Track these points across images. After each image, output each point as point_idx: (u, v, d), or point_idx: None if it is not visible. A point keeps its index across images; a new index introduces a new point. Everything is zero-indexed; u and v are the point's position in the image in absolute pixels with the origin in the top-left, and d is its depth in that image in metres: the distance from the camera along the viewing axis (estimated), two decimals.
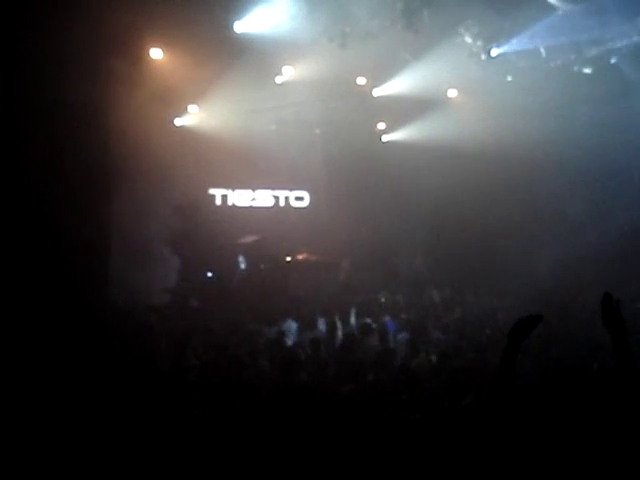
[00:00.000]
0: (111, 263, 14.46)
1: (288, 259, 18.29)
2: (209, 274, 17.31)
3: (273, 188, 20.23)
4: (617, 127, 17.16)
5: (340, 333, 10.54)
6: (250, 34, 15.05)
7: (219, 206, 19.51)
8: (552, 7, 14.55)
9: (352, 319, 11.48)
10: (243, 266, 17.84)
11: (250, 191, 19.94)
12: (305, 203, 20.61)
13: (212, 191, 19.50)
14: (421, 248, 19.68)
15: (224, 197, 19.67)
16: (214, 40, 14.76)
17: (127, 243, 15.14)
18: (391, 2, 14.11)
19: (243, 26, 14.94)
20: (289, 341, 10.65)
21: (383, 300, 16.23)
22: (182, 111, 17.70)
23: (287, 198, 20.43)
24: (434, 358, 7.90)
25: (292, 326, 11.52)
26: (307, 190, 20.61)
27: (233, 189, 19.77)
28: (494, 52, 16.13)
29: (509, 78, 17.43)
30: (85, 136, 12.73)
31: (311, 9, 14.12)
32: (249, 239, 18.01)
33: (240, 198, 19.82)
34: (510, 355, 3.85)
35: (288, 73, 17.20)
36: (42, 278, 11.63)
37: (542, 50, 16.24)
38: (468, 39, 16.03)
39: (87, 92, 12.42)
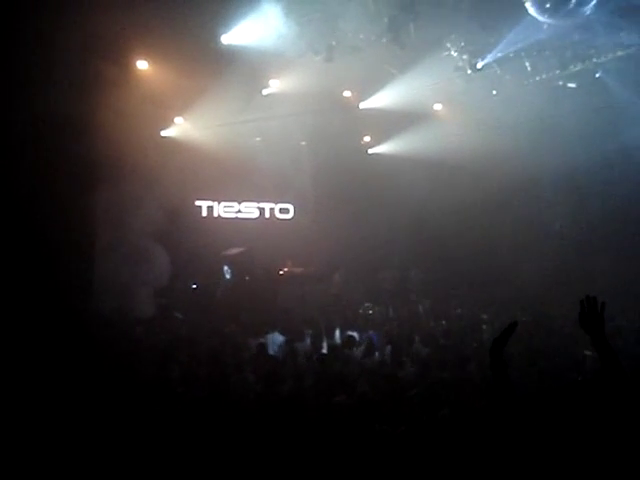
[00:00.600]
0: (96, 269, 14.39)
1: (281, 272, 18.28)
2: (194, 286, 17.23)
3: (258, 200, 20.28)
4: (601, 141, 17.21)
5: (325, 346, 10.52)
6: (237, 46, 15.09)
7: (205, 217, 19.58)
8: (537, 21, 14.64)
9: (337, 332, 11.45)
10: (228, 276, 17.81)
11: (236, 203, 20.00)
12: (290, 215, 20.68)
13: (198, 203, 19.57)
14: (407, 260, 19.69)
15: (210, 208, 19.74)
16: (200, 52, 14.77)
17: (112, 250, 15.08)
18: (377, 16, 14.16)
19: (230, 38, 14.97)
20: (275, 353, 10.60)
21: (371, 312, 16.30)
22: (168, 122, 17.73)
23: (272, 210, 20.50)
24: (417, 370, 7.89)
25: (279, 338, 11.49)
26: (292, 202, 20.66)
27: (219, 201, 19.82)
28: (479, 65, 16.24)
29: (494, 92, 17.52)
30: (71, 143, 12.71)
31: (298, 22, 14.16)
32: (234, 251, 18.00)
33: (226, 210, 19.89)
34: (498, 369, 3.84)
35: (274, 85, 17.25)
36: (26, 283, 11.55)
37: (527, 64, 16.34)
38: (454, 53, 16.11)
39: (74, 100, 12.39)
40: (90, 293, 13.37)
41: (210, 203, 19.77)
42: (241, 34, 14.80)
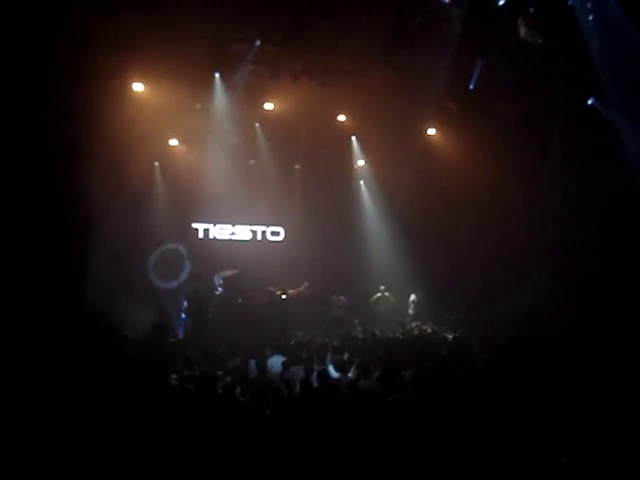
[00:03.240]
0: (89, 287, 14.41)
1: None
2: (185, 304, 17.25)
3: (251, 223, 20.38)
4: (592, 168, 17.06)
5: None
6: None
7: (201, 239, 19.71)
8: (529, 46, 14.73)
9: (328, 356, 11.38)
10: (220, 290, 17.90)
11: (230, 225, 20.12)
12: (280, 237, 20.80)
13: (195, 225, 19.69)
14: (404, 284, 19.58)
15: (206, 231, 19.87)
16: (195, 77, 14.93)
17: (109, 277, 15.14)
18: (371, 41, 14.27)
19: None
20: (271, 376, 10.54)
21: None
22: (164, 144, 17.86)
23: (264, 233, 20.62)
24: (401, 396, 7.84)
25: (276, 361, 11.39)
26: (283, 225, 20.75)
27: (214, 223, 19.93)
28: (471, 86, 16.39)
29: (487, 116, 17.55)
30: (69, 168, 12.82)
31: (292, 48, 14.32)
32: (228, 272, 18.07)
33: (220, 232, 20.03)
34: None
35: (269, 109, 17.36)
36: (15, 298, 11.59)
37: (518, 89, 16.40)
38: (447, 77, 16.24)
39: (73, 123, 12.53)
40: (81, 311, 13.35)
41: (206, 226, 19.89)
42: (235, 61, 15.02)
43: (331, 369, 10.24)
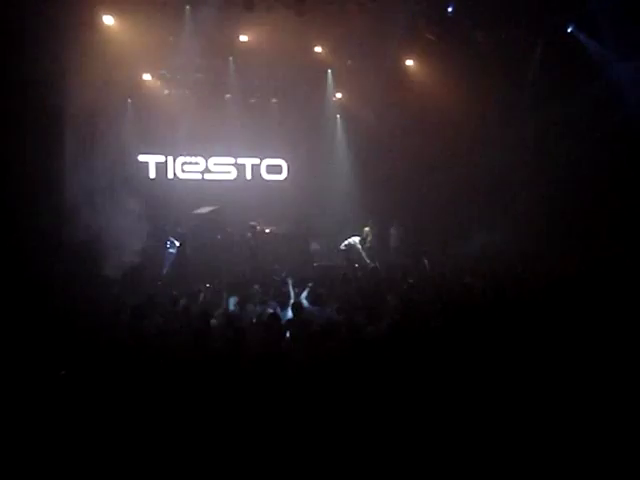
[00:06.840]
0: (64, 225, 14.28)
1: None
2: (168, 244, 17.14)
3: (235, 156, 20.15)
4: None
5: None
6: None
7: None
8: None
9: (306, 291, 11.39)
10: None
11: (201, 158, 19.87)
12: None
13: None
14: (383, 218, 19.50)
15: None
16: (166, 9, 14.61)
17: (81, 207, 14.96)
18: None
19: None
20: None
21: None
22: (137, 78, 17.57)
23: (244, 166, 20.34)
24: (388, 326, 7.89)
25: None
26: (259, 158, 20.56)
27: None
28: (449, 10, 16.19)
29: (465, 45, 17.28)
30: (39, 104, 12.55)
31: None
32: (206, 209, 17.97)
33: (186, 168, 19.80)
34: None
35: (244, 41, 17.02)
36: None
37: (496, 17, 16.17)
38: (424, 5, 15.98)
39: (42, 60, 12.22)
40: (59, 251, 13.23)
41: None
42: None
43: (305, 302, 10.24)
